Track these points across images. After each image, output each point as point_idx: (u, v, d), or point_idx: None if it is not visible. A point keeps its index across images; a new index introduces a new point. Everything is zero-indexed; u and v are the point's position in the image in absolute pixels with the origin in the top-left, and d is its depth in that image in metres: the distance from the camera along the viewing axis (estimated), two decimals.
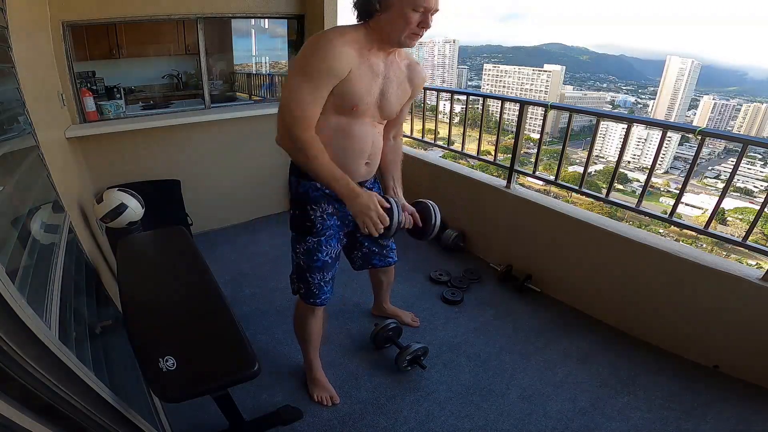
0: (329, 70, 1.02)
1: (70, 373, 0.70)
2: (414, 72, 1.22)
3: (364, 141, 1.17)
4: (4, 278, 0.59)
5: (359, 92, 1.08)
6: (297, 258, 1.34)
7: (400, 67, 1.19)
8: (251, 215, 2.97)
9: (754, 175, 19.39)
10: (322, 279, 1.33)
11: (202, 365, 0.97)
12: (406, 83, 1.21)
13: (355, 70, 1.05)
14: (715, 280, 1.60)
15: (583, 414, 1.48)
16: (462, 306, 2.07)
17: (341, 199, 1.14)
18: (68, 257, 1.15)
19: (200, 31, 2.48)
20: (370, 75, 1.09)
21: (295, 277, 1.38)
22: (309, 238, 1.28)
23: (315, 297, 1.36)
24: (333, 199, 1.23)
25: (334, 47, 1.01)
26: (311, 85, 1.03)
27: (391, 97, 1.17)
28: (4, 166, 0.96)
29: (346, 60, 1.02)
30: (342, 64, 1.02)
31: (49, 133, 1.58)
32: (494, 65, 36.35)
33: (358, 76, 1.06)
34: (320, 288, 1.35)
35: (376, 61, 1.11)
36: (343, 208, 1.25)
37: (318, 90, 1.04)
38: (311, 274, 1.32)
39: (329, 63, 1.01)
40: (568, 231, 2.02)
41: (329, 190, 1.19)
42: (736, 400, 1.53)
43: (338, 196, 1.13)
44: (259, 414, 1.44)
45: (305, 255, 1.30)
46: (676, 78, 31.02)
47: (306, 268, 1.32)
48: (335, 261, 1.36)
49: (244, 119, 2.64)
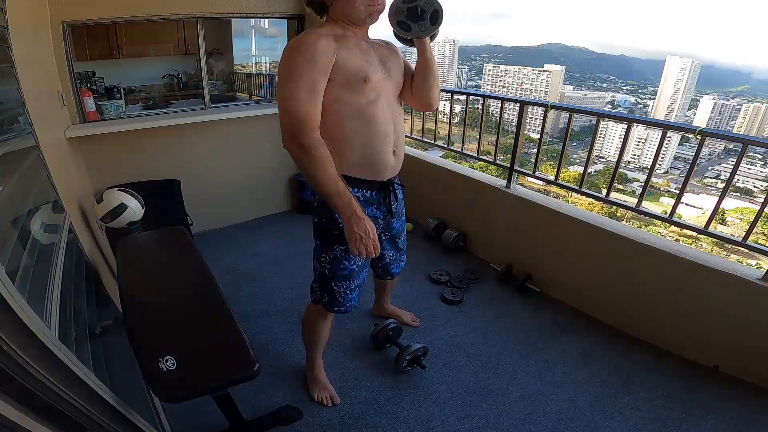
0: (316, 64, 1.02)
1: (70, 373, 0.70)
2: (389, 44, 1.23)
3: (386, 123, 1.15)
4: (4, 278, 0.59)
5: (360, 65, 1.08)
6: (321, 267, 1.29)
7: (378, 44, 1.20)
8: (251, 215, 2.97)
9: (754, 175, 19.38)
10: (347, 287, 1.31)
11: (202, 365, 0.97)
12: (393, 53, 1.22)
13: (340, 52, 1.05)
14: (715, 280, 1.59)
15: (583, 414, 1.48)
16: (462, 306, 2.07)
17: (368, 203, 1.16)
18: (68, 257, 1.15)
19: (200, 31, 2.48)
20: (359, 52, 1.10)
21: (317, 286, 1.35)
22: (336, 247, 1.23)
23: (340, 305, 1.33)
24: (363, 204, 1.18)
25: (310, 43, 1.02)
26: (304, 82, 1.02)
27: (393, 65, 1.18)
28: (4, 166, 0.96)
29: (327, 48, 1.03)
30: (324, 51, 1.03)
31: (49, 133, 1.58)
32: (494, 65, 36.32)
33: (347, 55, 1.06)
34: (345, 296, 1.32)
35: (357, 41, 1.12)
36: (371, 212, 1.23)
37: (314, 85, 1.03)
38: (336, 283, 1.29)
39: (313, 57, 1.02)
40: (568, 231, 2.02)
41: (360, 194, 1.19)
42: (736, 400, 1.53)
43: (338, 213, 1.08)
44: (259, 414, 1.44)
45: (331, 264, 1.26)
46: (676, 78, 31.01)
47: (331, 277, 1.28)
48: (362, 269, 1.32)
49: (244, 119, 2.65)
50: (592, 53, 46.59)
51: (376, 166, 1.17)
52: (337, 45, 1.05)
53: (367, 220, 1.07)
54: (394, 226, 1.41)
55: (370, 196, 1.22)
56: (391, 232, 1.42)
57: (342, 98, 1.08)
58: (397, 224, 1.43)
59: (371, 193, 1.22)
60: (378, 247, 1.08)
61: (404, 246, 1.54)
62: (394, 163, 1.21)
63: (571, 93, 32.42)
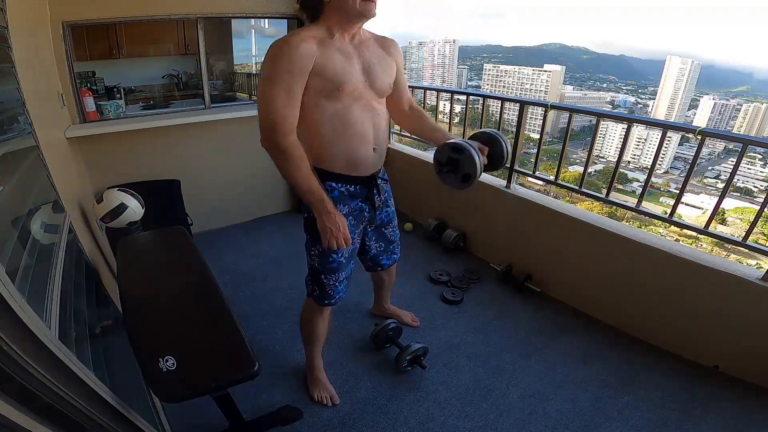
0: (293, 67, 1.04)
1: (70, 373, 0.70)
2: (385, 43, 1.25)
3: (364, 124, 1.17)
4: (4, 278, 0.59)
5: (337, 73, 1.09)
6: (312, 260, 1.33)
7: (372, 45, 1.21)
8: (251, 215, 2.97)
9: (754, 175, 19.39)
10: (336, 279, 1.34)
11: (202, 365, 0.97)
12: (385, 57, 1.22)
13: (320, 57, 1.06)
14: (715, 280, 1.59)
15: (583, 414, 1.48)
16: (462, 306, 2.07)
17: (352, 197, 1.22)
18: (68, 257, 1.15)
19: (200, 31, 2.48)
20: (341, 57, 1.10)
21: (309, 280, 1.38)
22: None
23: (330, 298, 1.36)
24: (347, 198, 1.24)
25: (292, 46, 1.04)
26: (281, 86, 1.04)
27: (378, 72, 1.18)
28: (4, 166, 0.96)
29: (306, 52, 1.05)
30: (303, 57, 1.04)
31: (49, 133, 1.58)
32: (494, 65, 36.35)
33: (326, 60, 1.07)
34: (334, 288, 1.35)
35: (343, 46, 1.12)
36: (356, 205, 1.27)
37: (290, 90, 1.05)
38: (326, 276, 1.32)
39: (292, 60, 1.04)
40: (568, 231, 2.02)
41: (345, 189, 1.23)
42: (736, 400, 1.53)
43: (311, 209, 1.15)
44: (259, 414, 1.44)
45: (320, 257, 1.30)
46: (676, 78, 31.01)
47: (321, 270, 1.32)
48: (349, 261, 1.36)
49: (244, 119, 2.64)
50: (592, 53, 46.61)
51: (357, 164, 1.21)
52: (319, 49, 1.07)
53: (339, 214, 1.14)
54: (380, 217, 1.42)
55: (355, 190, 1.26)
56: (376, 222, 1.43)
57: (319, 103, 1.11)
58: (383, 215, 1.44)
59: (355, 188, 1.26)
60: (349, 240, 1.16)
61: (395, 237, 1.54)
62: (375, 159, 1.25)
63: (571, 93, 32.43)
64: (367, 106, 1.18)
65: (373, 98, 1.19)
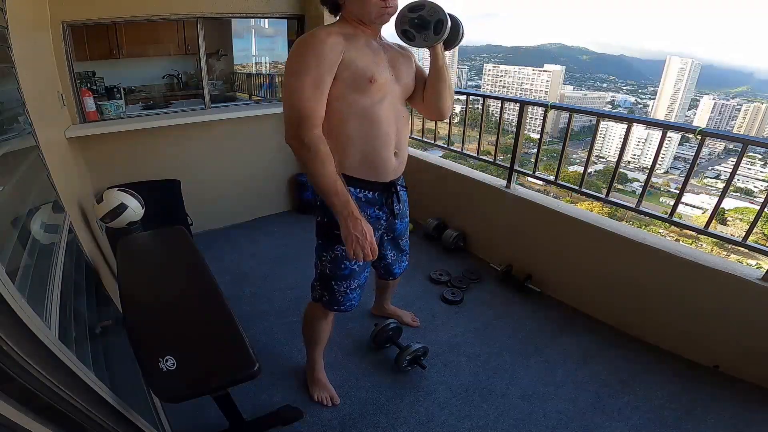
0: (322, 60, 1.02)
1: (70, 373, 0.70)
2: (403, 48, 1.23)
3: (389, 125, 1.15)
4: (4, 278, 0.59)
5: (366, 65, 1.07)
6: (322, 266, 1.30)
7: (391, 44, 1.21)
8: (251, 215, 2.97)
9: (754, 175, 19.38)
10: (348, 287, 1.31)
11: (201, 365, 0.97)
12: (405, 56, 1.22)
13: (348, 51, 1.05)
14: (715, 280, 1.59)
15: (583, 414, 1.48)
16: (462, 306, 2.07)
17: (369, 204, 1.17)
18: (68, 257, 1.15)
19: (200, 31, 2.48)
20: (368, 51, 1.10)
21: (318, 285, 1.35)
22: (337, 246, 1.22)
23: (340, 304, 1.33)
24: (364, 204, 1.20)
25: (320, 39, 1.03)
26: (308, 79, 1.02)
27: (403, 68, 1.18)
28: (4, 166, 0.96)
29: (335, 46, 1.03)
30: (332, 50, 1.03)
31: (49, 133, 1.58)
32: (494, 65, 36.33)
33: (355, 53, 1.06)
34: (345, 296, 1.32)
35: (368, 40, 1.12)
36: (373, 213, 1.23)
37: (318, 83, 1.03)
38: (337, 282, 1.29)
39: (320, 53, 1.02)
40: (568, 231, 2.02)
41: (363, 194, 1.19)
42: (736, 400, 1.53)
43: (334, 213, 1.07)
44: (259, 414, 1.44)
45: (332, 263, 1.26)
46: (676, 78, 31.00)
47: (332, 276, 1.29)
48: (363, 269, 1.32)
49: (244, 119, 2.64)
50: (592, 53, 46.61)
51: (377, 168, 1.17)
52: (347, 43, 1.05)
53: (364, 221, 1.06)
54: (397, 228, 1.41)
55: (373, 197, 1.22)
56: (394, 233, 1.42)
57: (347, 97, 1.08)
58: (400, 226, 1.42)
59: (373, 194, 1.22)
60: (376, 250, 1.08)
61: (407, 247, 1.54)
62: (396, 165, 1.21)
63: (571, 93, 32.43)
64: (393, 106, 1.16)
65: (399, 97, 1.18)
